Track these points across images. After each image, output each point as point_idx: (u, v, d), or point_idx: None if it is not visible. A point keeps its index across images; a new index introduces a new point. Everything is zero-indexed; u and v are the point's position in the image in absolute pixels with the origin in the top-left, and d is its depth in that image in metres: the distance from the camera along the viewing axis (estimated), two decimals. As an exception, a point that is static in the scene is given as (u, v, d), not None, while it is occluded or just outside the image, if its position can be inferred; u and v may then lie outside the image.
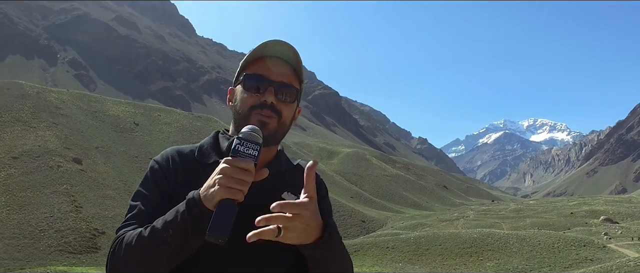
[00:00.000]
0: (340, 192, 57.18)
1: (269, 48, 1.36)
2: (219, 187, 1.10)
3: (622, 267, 17.21)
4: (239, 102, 1.37)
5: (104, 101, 50.72)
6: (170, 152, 1.42)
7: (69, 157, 33.42)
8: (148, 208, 1.30)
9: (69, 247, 24.41)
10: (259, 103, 1.33)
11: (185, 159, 1.40)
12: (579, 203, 46.88)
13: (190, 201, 1.15)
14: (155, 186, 1.34)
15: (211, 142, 1.46)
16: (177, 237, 1.14)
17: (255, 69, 1.38)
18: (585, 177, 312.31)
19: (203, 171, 1.28)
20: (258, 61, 1.39)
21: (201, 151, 1.43)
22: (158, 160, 1.40)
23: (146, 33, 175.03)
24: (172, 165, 1.38)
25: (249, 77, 1.36)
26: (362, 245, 27.94)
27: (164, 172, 1.37)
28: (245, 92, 1.36)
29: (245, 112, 1.34)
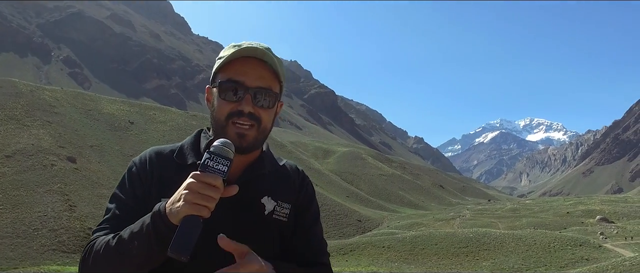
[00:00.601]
0: (336, 191, 57.12)
1: (243, 49, 1.30)
2: (184, 203, 1.07)
3: (618, 266, 17.24)
4: (216, 108, 1.32)
5: (99, 99, 50.38)
6: (149, 153, 1.38)
7: (63, 156, 33.11)
8: (122, 212, 1.29)
9: (63, 247, 24.15)
10: (235, 111, 1.27)
11: (164, 160, 1.36)
12: (575, 203, 47.15)
13: (155, 214, 1.12)
14: (130, 189, 1.32)
15: (192, 142, 1.41)
16: (142, 250, 1.12)
17: (231, 73, 1.30)
18: (582, 177, 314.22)
19: (182, 172, 1.23)
20: (234, 63, 1.31)
21: (181, 151, 1.38)
22: (136, 162, 1.37)
23: (141, 31, 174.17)
24: (149, 167, 1.34)
25: (225, 83, 1.29)
26: (358, 245, 27.91)
27: (140, 174, 1.34)
28: (221, 100, 1.29)
29: (222, 120, 1.29)
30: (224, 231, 1.20)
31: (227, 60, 1.30)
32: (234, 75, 1.29)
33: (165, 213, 1.10)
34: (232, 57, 1.29)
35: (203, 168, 1.10)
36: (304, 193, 1.44)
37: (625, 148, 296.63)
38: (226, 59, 1.29)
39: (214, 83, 1.34)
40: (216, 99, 1.32)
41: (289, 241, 1.37)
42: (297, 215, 1.39)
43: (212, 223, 1.15)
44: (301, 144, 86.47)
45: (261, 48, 1.30)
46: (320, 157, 79.26)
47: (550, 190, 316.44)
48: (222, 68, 1.32)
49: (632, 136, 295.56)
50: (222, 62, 1.31)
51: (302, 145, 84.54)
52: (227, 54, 1.30)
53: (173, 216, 1.09)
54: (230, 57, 1.29)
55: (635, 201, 48.94)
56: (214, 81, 1.34)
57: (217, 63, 1.33)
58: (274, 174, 1.40)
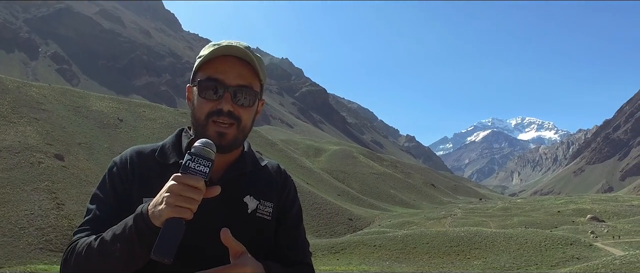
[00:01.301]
0: (327, 189, 57.04)
1: (223, 47, 1.30)
2: (166, 205, 1.07)
3: (608, 265, 17.34)
4: (195, 107, 1.31)
5: (87, 96, 49.77)
6: (130, 153, 1.37)
7: (50, 153, 32.65)
8: (103, 213, 1.28)
9: (50, 245, 23.82)
10: (215, 110, 1.27)
11: (145, 160, 1.35)
12: (566, 201, 47.61)
13: (137, 217, 1.12)
14: (111, 190, 1.31)
15: (173, 141, 1.40)
16: (125, 252, 1.12)
17: (211, 71, 1.30)
18: (572, 176, 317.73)
19: (163, 172, 1.26)
20: (213, 62, 1.31)
21: (162, 151, 1.37)
22: (116, 162, 1.36)
23: (131, 27, 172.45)
24: (129, 167, 1.34)
25: (204, 82, 1.29)
26: (349, 244, 27.82)
27: (120, 174, 1.33)
28: (201, 98, 1.29)
29: (202, 119, 1.29)
30: (207, 231, 1.24)
31: (206, 58, 1.30)
32: (214, 74, 1.29)
33: (147, 216, 1.10)
34: (211, 56, 1.29)
35: (184, 169, 1.09)
36: (286, 192, 1.44)
37: (616, 147, 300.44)
38: (205, 57, 1.30)
39: (194, 82, 1.34)
40: (196, 98, 1.31)
41: (272, 240, 1.38)
42: (280, 214, 1.40)
43: (196, 224, 1.16)
44: (292, 142, 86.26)
45: (240, 46, 1.30)
46: (312, 156, 79.12)
47: (541, 189, 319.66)
48: (202, 67, 1.32)
49: (623, 135, 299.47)
50: (202, 61, 1.31)
51: (293, 144, 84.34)
52: (206, 53, 1.30)
53: (155, 218, 1.09)
54: (209, 55, 1.29)
55: (626, 200, 49.58)
56: (194, 80, 1.35)
57: (197, 62, 1.33)
58: (256, 173, 1.40)
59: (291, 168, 59.26)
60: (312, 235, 39.27)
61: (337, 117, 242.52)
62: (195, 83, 1.32)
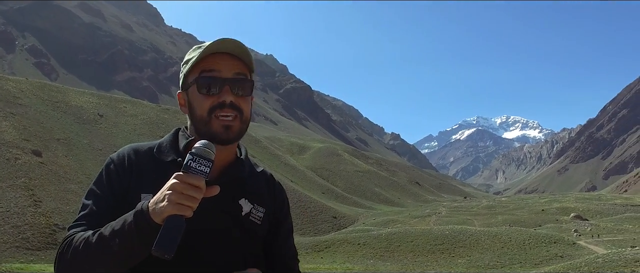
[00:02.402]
0: (311, 187, 56.92)
1: (214, 44, 1.33)
2: (168, 202, 1.11)
3: (591, 263, 17.53)
4: (195, 107, 1.33)
5: (66, 91, 48.69)
6: (127, 151, 1.40)
7: (27, 149, 31.90)
8: (100, 209, 1.30)
9: (27, 244, 23.37)
10: (217, 104, 1.30)
11: (143, 157, 1.38)
12: (550, 200, 48.45)
13: (137, 213, 1.14)
14: (108, 186, 1.33)
15: (171, 139, 1.42)
16: (123, 247, 1.14)
17: (205, 68, 1.34)
18: (557, 175, 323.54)
19: (161, 169, 1.31)
20: (205, 61, 1.34)
21: (160, 148, 1.40)
22: (113, 159, 1.38)
23: (112, 21, 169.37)
24: (127, 164, 1.36)
25: (202, 78, 1.32)
26: (333, 242, 27.73)
27: (118, 171, 1.35)
28: (201, 95, 1.32)
29: (205, 115, 1.31)
30: (203, 230, 1.28)
31: (200, 57, 1.32)
32: (209, 69, 1.32)
33: (148, 212, 1.13)
34: (205, 53, 1.32)
35: (186, 169, 1.14)
36: (280, 202, 1.50)
37: (599, 146, 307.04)
38: (199, 55, 1.32)
39: (187, 84, 1.36)
40: (195, 97, 1.33)
41: (260, 245, 1.43)
42: (271, 224, 1.45)
43: (192, 223, 1.17)
44: (276, 140, 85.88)
45: (230, 40, 1.33)
46: (296, 153, 78.91)
47: (525, 187, 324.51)
48: (194, 67, 1.34)
49: (606, 135, 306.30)
50: (194, 61, 1.33)
51: (277, 141, 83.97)
52: (197, 54, 1.33)
53: (157, 215, 1.12)
54: (203, 53, 1.32)
55: (609, 199, 50.75)
56: (186, 83, 1.37)
57: (187, 66, 1.36)
58: (252, 178, 1.44)
59: (275, 165, 58.95)
60: (296, 233, 39.10)
61: (322, 114, 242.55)
62: (190, 83, 1.34)
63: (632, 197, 62.89)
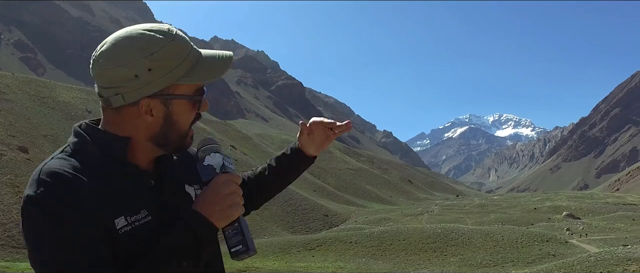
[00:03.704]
0: (302, 185, 56.68)
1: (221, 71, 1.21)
2: (237, 205, 1.11)
3: (583, 262, 17.54)
4: (181, 121, 1.18)
5: (54, 86, 47.96)
6: (64, 171, 1.08)
7: (13, 146, 31.40)
8: (97, 253, 1.04)
9: (13, 242, 23.10)
10: (197, 116, 1.23)
11: (101, 174, 1.12)
12: (542, 199, 48.58)
13: (195, 226, 1.09)
14: (84, 220, 1.05)
15: (119, 147, 1.16)
16: (190, 267, 1.10)
17: (197, 81, 1.19)
18: (549, 173, 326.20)
19: (138, 180, 1.17)
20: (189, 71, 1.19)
21: (122, 160, 1.16)
22: (61, 188, 1.05)
23: (100, 16, 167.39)
24: (86, 191, 1.07)
25: (198, 97, 1.20)
26: (325, 240, 27.56)
27: (84, 199, 1.06)
28: (190, 109, 1.20)
29: (186, 129, 1.21)
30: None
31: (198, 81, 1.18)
32: (200, 84, 1.20)
33: (210, 222, 1.09)
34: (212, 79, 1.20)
35: (225, 169, 1.16)
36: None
37: (591, 145, 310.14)
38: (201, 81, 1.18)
39: (171, 94, 1.15)
40: (183, 111, 1.18)
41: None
42: None
43: (165, 223, 1.16)
44: (267, 136, 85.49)
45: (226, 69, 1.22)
46: (287, 150, 78.63)
47: (518, 186, 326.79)
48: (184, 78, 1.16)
49: (598, 133, 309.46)
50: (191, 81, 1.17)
51: (268, 138, 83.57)
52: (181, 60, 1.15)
53: (224, 221, 1.10)
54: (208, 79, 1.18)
55: (601, 197, 51.09)
56: (169, 92, 1.15)
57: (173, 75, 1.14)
58: (181, 159, 1.33)
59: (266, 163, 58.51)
60: (287, 231, 38.89)
61: (314, 111, 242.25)
62: (179, 96, 1.16)
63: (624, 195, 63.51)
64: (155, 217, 1.16)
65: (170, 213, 1.18)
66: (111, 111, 1.15)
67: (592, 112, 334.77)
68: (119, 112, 1.14)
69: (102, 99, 1.15)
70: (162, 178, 1.22)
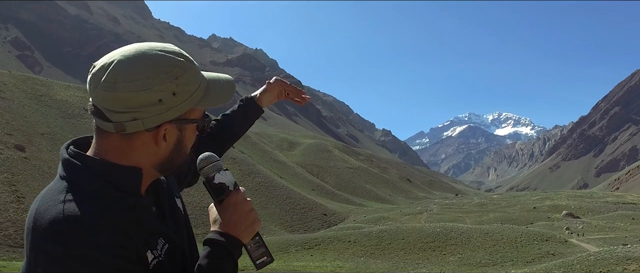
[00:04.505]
0: (301, 184, 56.61)
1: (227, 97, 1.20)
2: (256, 220, 1.16)
3: (583, 261, 17.49)
4: (187, 145, 1.17)
5: (51, 84, 47.73)
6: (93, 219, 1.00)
7: (10, 144, 31.26)
8: None
9: (9, 241, 23.02)
10: (196, 140, 1.21)
11: (123, 214, 1.06)
12: (541, 198, 48.50)
13: (234, 249, 1.13)
14: (138, 268, 1.04)
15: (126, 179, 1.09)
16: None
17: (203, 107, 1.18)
18: (548, 172, 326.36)
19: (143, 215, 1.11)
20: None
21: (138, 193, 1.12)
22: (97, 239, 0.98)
23: (98, 14, 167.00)
24: (128, 232, 1.04)
25: (205, 120, 1.19)
26: (323, 239, 27.47)
27: (126, 246, 1.02)
28: (194, 134, 1.18)
29: (188, 152, 1.18)
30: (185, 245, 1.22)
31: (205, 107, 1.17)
32: (205, 110, 1.20)
33: (238, 240, 1.13)
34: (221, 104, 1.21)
35: (237, 186, 1.19)
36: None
37: (591, 144, 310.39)
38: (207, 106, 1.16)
39: (187, 119, 1.12)
40: (190, 136, 1.16)
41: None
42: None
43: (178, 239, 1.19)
44: (266, 135, 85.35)
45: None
46: (285, 149, 78.52)
47: (517, 185, 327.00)
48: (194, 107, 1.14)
49: (598, 132, 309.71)
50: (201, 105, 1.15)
51: (266, 136, 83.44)
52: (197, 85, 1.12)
53: (248, 237, 1.16)
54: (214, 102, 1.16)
55: (601, 196, 51.05)
56: (186, 116, 1.12)
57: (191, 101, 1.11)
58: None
59: (264, 161, 58.49)
60: (286, 230, 38.81)
61: (312, 110, 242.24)
62: (192, 121, 1.13)
63: (624, 194, 63.45)
64: (170, 243, 1.13)
65: (181, 236, 1.19)
66: (117, 137, 1.06)
67: (592, 110, 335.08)
68: (129, 139, 1.06)
69: (113, 124, 1.04)
70: (161, 202, 1.20)
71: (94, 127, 1.11)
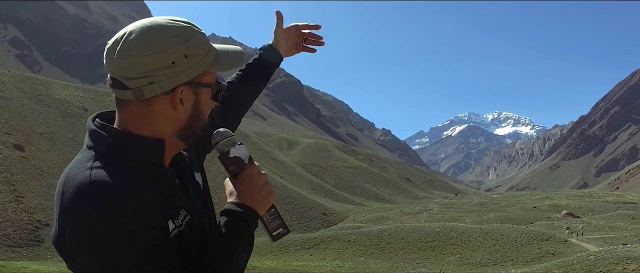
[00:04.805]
0: (300, 183, 56.54)
1: (236, 62, 1.24)
2: (272, 192, 1.20)
3: (583, 260, 17.47)
4: (205, 111, 1.20)
5: (50, 84, 47.65)
6: (119, 183, 1.05)
7: (9, 144, 31.13)
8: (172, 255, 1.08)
9: (8, 240, 22.92)
10: (214, 108, 1.25)
11: (152, 184, 1.11)
12: (541, 197, 48.54)
13: (251, 220, 1.17)
14: (156, 231, 1.07)
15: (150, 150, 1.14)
16: (247, 255, 1.18)
17: (216, 73, 1.23)
18: (548, 172, 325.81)
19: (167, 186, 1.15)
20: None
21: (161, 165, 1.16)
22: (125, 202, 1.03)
23: (97, 13, 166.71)
24: (149, 198, 1.08)
25: (221, 85, 1.23)
26: (323, 239, 27.46)
27: (147, 212, 1.05)
28: (211, 101, 1.21)
29: (206, 120, 1.22)
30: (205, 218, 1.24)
31: (223, 69, 1.21)
32: (219, 77, 1.26)
33: (256, 211, 1.17)
34: (227, 69, 1.22)
35: (252, 159, 1.21)
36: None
37: (591, 143, 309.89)
38: (220, 68, 1.19)
39: (200, 82, 1.16)
40: (206, 101, 1.19)
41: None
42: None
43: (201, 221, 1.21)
44: (265, 135, 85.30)
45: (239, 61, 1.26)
46: (285, 148, 78.45)
47: (517, 184, 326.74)
48: (207, 70, 1.17)
49: (598, 131, 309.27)
50: (213, 68, 1.18)
51: (266, 136, 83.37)
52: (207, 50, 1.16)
53: (264, 209, 1.19)
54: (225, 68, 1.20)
55: (600, 196, 51.06)
56: (199, 80, 1.15)
57: (202, 62, 1.15)
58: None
59: (264, 161, 58.42)
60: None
61: (312, 109, 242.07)
62: (206, 85, 1.17)
63: (624, 194, 63.55)
64: (191, 215, 1.16)
65: (202, 209, 1.22)
66: (137, 105, 1.11)
67: (592, 110, 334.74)
68: (148, 104, 1.11)
69: (132, 91, 1.09)
70: (183, 175, 1.23)
71: (114, 101, 1.16)
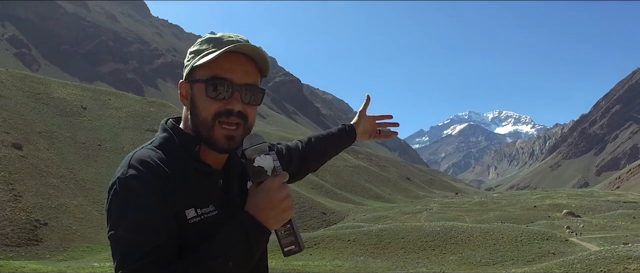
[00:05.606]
0: (300, 182, 56.41)
1: (236, 46, 1.22)
2: (290, 209, 1.15)
3: (584, 260, 17.41)
4: (199, 107, 1.23)
5: (48, 82, 47.54)
6: (153, 158, 1.18)
7: (7, 142, 31.05)
8: (167, 236, 1.12)
9: (7, 240, 22.88)
10: (224, 110, 1.22)
11: (174, 167, 1.20)
12: (542, 196, 48.46)
13: (251, 229, 1.13)
14: (160, 206, 1.13)
15: (184, 142, 1.25)
16: (238, 269, 1.13)
17: (217, 69, 1.22)
18: (549, 171, 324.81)
19: (203, 181, 1.24)
20: (218, 58, 1.22)
21: (196, 157, 1.25)
22: (145, 170, 1.15)
23: (95, 11, 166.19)
24: (168, 177, 1.17)
25: (212, 82, 1.21)
26: (323, 238, 27.36)
27: (162, 186, 1.15)
28: (208, 98, 1.22)
29: (209, 120, 1.22)
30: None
31: (215, 56, 1.20)
32: (221, 73, 1.21)
33: (264, 225, 1.13)
34: (219, 55, 1.21)
35: (276, 171, 1.18)
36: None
37: (592, 142, 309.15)
38: (215, 55, 1.20)
39: (193, 78, 1.25)
40: (201, 98, 1.22)
41: None
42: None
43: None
44: (265, 133, 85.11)
45: (249, 44, 1.24)
46: (284, 147, 78.34)
47: (518, 183, 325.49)
48: (204, 63, 1.21)
49: (599, 130, 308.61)
50: (210, 59, 1.20)
51: (265, 135, 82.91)
52: (210, 49, 1.23)
53: (277, 223, 1.15)
54: (218, 54, 1.20)
55: (601, 195, 51.00)
56: (192, 76, 1.25)
57: (198, 58, 1.24)
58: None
59: (264, 160, 58.29)
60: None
61: (312, 108, 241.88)
62: (198, 80, 1.22)
63: (625, 193, 63.52)
64: (221, 212, 1.22)
65: (234, 210, 1.23)
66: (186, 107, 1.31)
67: (593, 109, 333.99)
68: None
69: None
70: (231, 178, 1.29)
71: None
